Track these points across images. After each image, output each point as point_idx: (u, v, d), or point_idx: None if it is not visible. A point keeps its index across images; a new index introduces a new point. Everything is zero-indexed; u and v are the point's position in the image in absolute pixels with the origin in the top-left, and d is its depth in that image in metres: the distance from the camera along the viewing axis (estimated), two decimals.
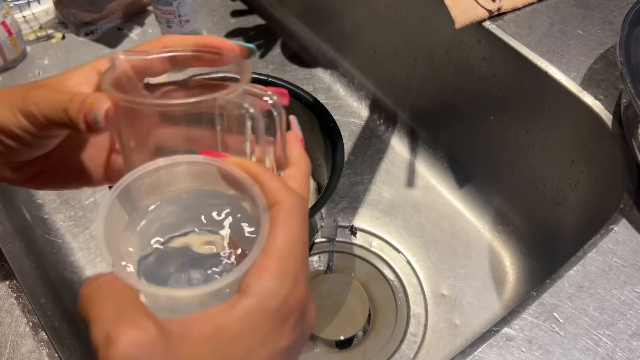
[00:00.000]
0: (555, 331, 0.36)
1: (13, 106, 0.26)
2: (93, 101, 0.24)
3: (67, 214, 0.60)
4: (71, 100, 0.25)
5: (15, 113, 0.26)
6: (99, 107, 0.24)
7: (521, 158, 0.58)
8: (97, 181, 0.30)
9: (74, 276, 0.56)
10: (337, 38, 0.75)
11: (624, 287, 0.38)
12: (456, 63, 0.60)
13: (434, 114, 0.67)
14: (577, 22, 0.54)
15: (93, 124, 0.24)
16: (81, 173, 0.29)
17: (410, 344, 0.54)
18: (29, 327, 0.35)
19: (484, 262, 0.60)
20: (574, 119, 0.50)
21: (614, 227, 0.41)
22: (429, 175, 0.67)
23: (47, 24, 0.76)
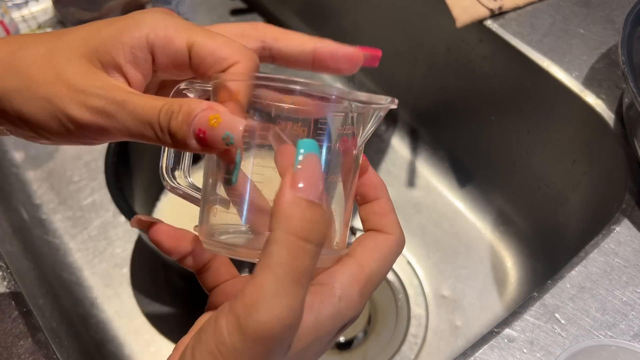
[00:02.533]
0: (557, 332, 0.36)
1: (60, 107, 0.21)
2: (216, 115, 0.20)
3: (65, 215, 0.60)
4: (161, 114, 0.20)
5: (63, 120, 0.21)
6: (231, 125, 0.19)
7: (523, 158, 0.58)
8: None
9: (72, 277, 0.56)
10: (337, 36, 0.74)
11: (625, 287, 0.38)
12: (457, 62, 0.59)
13: (434, 114, 0.66)
14: (579, 21, 0.54)
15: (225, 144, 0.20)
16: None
17: (411, 345, 0.54)
18: (27, 328, 0.35)
19: (485, 263, 0.60)
20: (576, 118, 0.50)
21: (615, 228, 0.41)
22: (430, 175, 0.66)
23: (46, 23, 0.76)
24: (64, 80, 0.21)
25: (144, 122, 0.21)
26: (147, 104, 0.21)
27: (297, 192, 0.18)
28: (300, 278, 0.18)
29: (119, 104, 0.21)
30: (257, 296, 0.18)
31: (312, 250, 0.18)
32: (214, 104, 0.20)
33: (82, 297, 0.55)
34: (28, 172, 0.63)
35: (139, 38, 0.22)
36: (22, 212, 0.59)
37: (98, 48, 0.22)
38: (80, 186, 0.62)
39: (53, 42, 0.22)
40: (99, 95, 0.21)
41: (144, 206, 0.56)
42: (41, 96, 0.21)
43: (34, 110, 0.21)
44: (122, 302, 0.55)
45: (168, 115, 0.20)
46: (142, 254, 0.57)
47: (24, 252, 0.50)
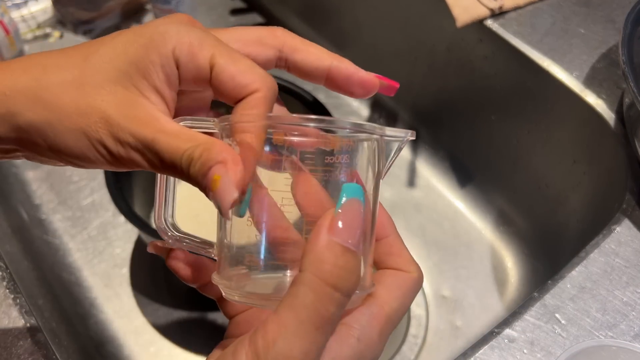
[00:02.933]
0: (557, 332, 0.36)
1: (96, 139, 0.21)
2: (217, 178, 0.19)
3: (64, 215, 0.60)
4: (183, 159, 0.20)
5: (100, 150, 0.21)
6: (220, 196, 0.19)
7: (523, 158, 0.58)
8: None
9: (71, 277, 0.56)
10: (337, 36, 0.75)
11: (626, 288, 0.37)
12: (457, 62, 0.59)
13: (435, 113, 0.66)
14: (580, 20, 0.54)
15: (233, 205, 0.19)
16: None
17: (411, 345, 0.54)
18: (27, 328, 0.35)
19: (486, 263, 0.60)
20: (576, 118, 0.50)
21: (616, 228, 0.41)
22: (430, 175, 0.66)
23: (45, 22, 0.76)
24: (98, 110, 0.21)
25: (170, 164, 0.21)
26: (171, 145, 0.20)
27: (334, 236, 0.18)
28: (323, 325, 0.18)
29: (147, 144, 0.21)
30: (277, 334, 0.18)
31: (340, 299, 0.18)
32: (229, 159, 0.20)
33: (81, 298, 0.55)
34: (27, 172, 0.63)
35: (166, 55, 0.21)
36: (21, 212, 0.58)
37: (130, 72, 0.21)
38: (80, 186, 0.62)
39: (79, 66, 0.21)
40: (131, 131, 0.21)
41: (143, 206, 0.56)
42: (75, 128, 0.21)
43: (69, 142, 0.21)
44: (121, 303, 0.54)
45: (188, 161, 0.20)
46: (141, 254, 0.57)
47: (23, 252, 0.50)
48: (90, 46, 0.22)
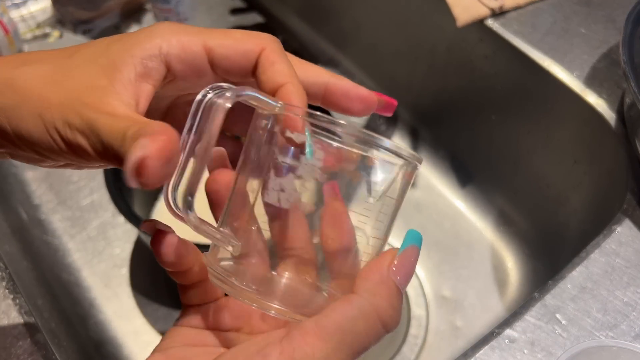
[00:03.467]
0: (558, 333, 0.35)
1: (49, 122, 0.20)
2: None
3: (64, 215, 0.60)
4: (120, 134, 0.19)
5: (54, 136, 0.20)
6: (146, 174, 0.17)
7: (524, 158, 0.57)
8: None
9: (71, 277, 0.56)
10: (337, 36, 0.75)
11: (627, 288, 0.37)
12: (458, 61, 0.59)
13: (435, 113, 0.66)
14: (580, 20, 0.54)
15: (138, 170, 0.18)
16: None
17: (411, 345, 0.54)
18: (26, 328, 0.35)
19: (486, 263, 0.59)
20: (577, 118, 0.50)
21: (617, 228, 0.41)
22: (431, 175, 0.66)
23: (45, 22, 0.76)
24: (58, 95, 0.21)
25: (107, 146, 0.19)
26: (111, 125, 0.19)
27: (393, 274, 0.19)
28: (359, 353, 0.19)
29: (90, 124, 0.20)
30: (317, 348, 0.18)
31: (383, 335, 0.19)
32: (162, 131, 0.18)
33: (81, 298, 0.54)
34: (27, 172, 0.62)
35: (150, 49, 0.21)
36: (21, 212, 0.58)
37: (107, 65, 0.21)
38: (80, 186, 0.62)
39: (59, 62, 0.22)
40: (79, 113, 0.20)
41: (143, 206, 0.56)
42: (34, 112, 0.21)
43: (28, 126, 0.21)
44: (121, 303, 0.54)
45: (120, 140, 0.19)
46: (141, 255, 0.57)
47: (22, 252, 0.50)
48: (80, 47, 0.22)
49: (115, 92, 0.21)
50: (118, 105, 0.20)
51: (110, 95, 0.21)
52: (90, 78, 0.21)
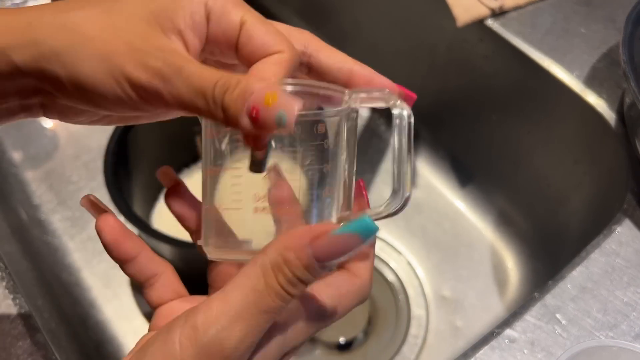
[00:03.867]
0: (558, 333, 0.35)
1: (118, 65, 0.20)
2: (272, 93, 0.18)
3: (64, 215, 0.60)
4: (217, 86, 0.19)
5: (121, 81, 0.20)
6: (287, 105, 0.18)
7: (524, 158, 0.57)
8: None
9: (71, 277, 0.56)
10: (337, 36, 0.75)
11: (627, 288, 0.37)
12: (458, 61, 0.59)
13: (435, 113, 0.66)
14: (580, 20, 0.54)
15: (277, 125, 0.18)
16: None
17: (411, 346, 0.54)
18: (26, 329, 0.35)
19: (486, 263, 0.59)
20: (577, 118, 0.50)
21: (617, 228, 0.40)
22: (431, 175, 0.66)
23: None
24: (123, 38, 0.20)
25: (199, 91, 0.19)
26: (203, 73, 0.20)
27: (314, 249, 0.18)
28: (267, 310, 0.18)
29: (176, 68, 0.20)
30: (221, 312, 0.18)
31: (286, 298, 0.19)
32: (274, 84, 0.20)
33: (81, 298, 0.54)
34: (27, 172, 0.62)
35: (198, 3, 0.21)
36: (20, 212, 0.58)
37: (158, 12, 0.21)
38: (80, 186, 0.62)
39: (108, 5, 0.21)
40: (158, 57, 0.20)
41: (143, 206, 0.56)
42: (98, 54, 0.20)
43: (90, 70, 0.20)
44: (121, 303, 0.54)
45: (224, 88, 0.19)
46: None
47: (22, 252, 0.50)
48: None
49: (173, 42, 0.21)
50: (189, 55, 0.21)
51: (177, 43, 0.21)
52: (145, 24, 0.21)
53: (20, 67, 0.20)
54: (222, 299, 0.18)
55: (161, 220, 0.56)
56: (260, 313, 0.18)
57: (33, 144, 0.65)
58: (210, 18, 0.22)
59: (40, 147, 0.64)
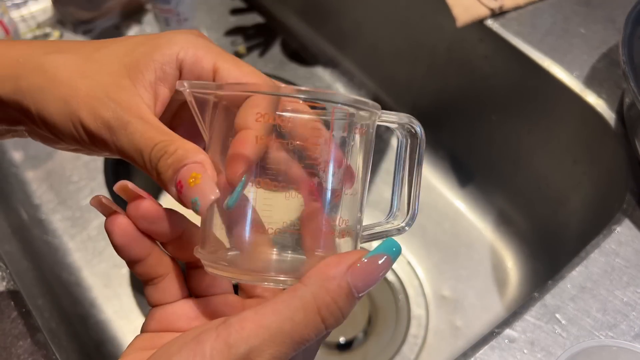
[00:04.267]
0: (558, 333, 0.35)
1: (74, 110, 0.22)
2: (197, 175, 0.20)
3: (64, 215, 0.60)
4: (155, 149, 0.20)
5: (75, 123, 0.22)
6: (202, 194, 0.19)
7: (523, 158, 0.57)
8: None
9: (71, 277, 0.56)
10: (337, 36, 0.75)
11: (626, 288, 0.37)
12: (458, 62, 0.59)
13: (435, 113, 0.66)
14: (580, 20, 0.54)
15: (191, 207, 0.20)
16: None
17: (411, 345, 0.54)
18: (27, 328, 0.35)
19: (486, 263, 0.60)
20: (577, 118, 0.50)
21: (616, 228, 0.41)
22: (430, 175, 0.66)
23: (45, 22, 0.76)
24: (86, 85, 0.22)
25: (138, 150, 0.21)
26: (146, 133, 0.21)
27: (351, 277, 0.18)
28: (299, 343, 0.18)
29: (122, 123, 0.21)
30: (254, 333, 0.18)
31: (322, 331, 0.19)
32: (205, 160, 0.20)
33: (81, 298, 0.54)
34: (27, 172, 0.62)
35: (169, 55, 0.23)
36: (21, 212, 0.58)
37: (130, 66, 0.23)
38: (80, 186, 0.62)
39: (87, 54, 0.23)
40: (110, 108, 0.21)
41: None
42: (61, 97, 0.22)
43: (52, 109, 0.22)
44: (121, 303, 0.54)
45: (160, 153, 0.20)
46: None
47: (23, 252, 0.50)
48: (105, 42, 0.24)
49: (138, 94, 0.22)
50: (145, 109, 0.22)
51: (136, 97, 0.22)
52: (115, 75, 0.22)
53: (2, 97, 0.23)
54: (257, 322, 0.18)
55: None
56: (294, 343, 0.18)
57: (33, 144, 0.65)
58: (183, 67, 0.23)
59: (40, 147, 0.64)
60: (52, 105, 0.22)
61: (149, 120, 0.22)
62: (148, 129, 0.21)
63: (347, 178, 0.22)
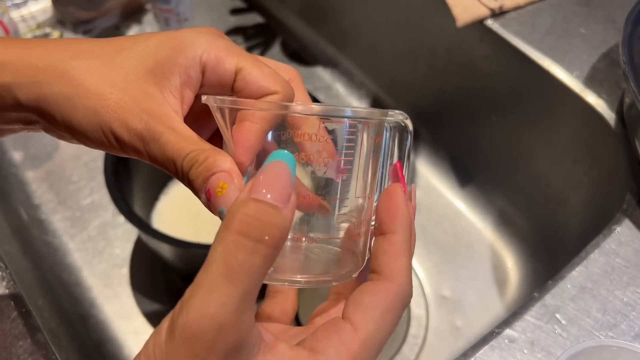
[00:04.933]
0: (558, 333, 0.35)
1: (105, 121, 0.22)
2: (224, 185, 0.20)
3: (64, 215, 0.60)
4: (187, 159, 0.21)
5: (107, 133, 0.22)
6: (228, 204, 0.20)
7: (523, 158, 0.57)
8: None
9: (71, 277, 0.56)
10: (337, 36, 0.75)
11: (626, 288, 0.37)
12: (458, 62, 0.59)
13: (435, 113, 0.66)
14: (580, 20, 0.54)
15: (219, 216, 0.20)
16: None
17: (411, 345, 0.54)
18: (26, 328, 0.34)
19: (486, 263, 0.60)
20: (577, 118, 0.50)
21: (616, 228, 0.41)
22: (430, 175, 0.66)
23: (45, 22, 0.76)
24: (116, 95, 0.22)
25: (170, 160, 0.22)
26: (178, 143, 0.21)
27: (252, 194, 0.17)
28: (232, 274, 0.17)
29: (155, 135, 0.22)
30: (189, 295, 0.17)
31: (250, 245, 0.17)
32: (233, 169, 0.21)
33: (81, 298, 0.54)
34: (27, 172, 0.62)
35: (193, 58, 0.23)
36: (21, 212, 0.58)
37: (156, 71, 0.23)
38: (80, 186, 0.62)
39: (110, 58, 0.23)
40: (142, 119, 0.22)
41: (143, 206, 0.56)
42: (90, 106, 0.22)
43: (81, 118, 0.22)
44: (121, 303, 0.54)
45: (191, 163, 0.21)
46: (141, 255, 0.57)
47: (23, 252, 0.50)
48: (125, 42, 0.24)
49: (167, 102, 0.23)
50: (175, 118, 0.22)
51: (165, 105, 0.23)
52: (142, 82, 0.23)
53: (22, 103, 0.23)
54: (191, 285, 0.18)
55: (161, 220, 0.56)
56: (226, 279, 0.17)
57: (34, 144, 0.65)
58: (206, 69, 0.23)
59: (40, 147, 0.64)
60: (81, 114, 0.22)
61: (180, 131, 0.22)
62: (180, 140, 0.22)
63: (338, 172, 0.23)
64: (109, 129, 0.22)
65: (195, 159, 0.21)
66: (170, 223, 0.56)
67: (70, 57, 0.23)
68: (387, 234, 0.21)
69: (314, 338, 0.20)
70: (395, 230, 0.21)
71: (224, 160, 0.21)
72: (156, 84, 0.23)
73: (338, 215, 0.23)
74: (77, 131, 0.23)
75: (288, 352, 0.19)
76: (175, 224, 0.55)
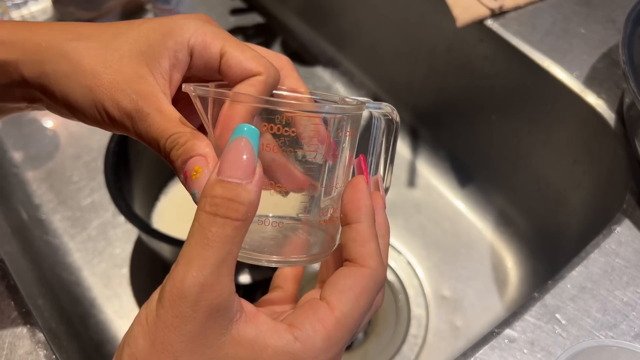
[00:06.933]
0: (558, 333, 0.35)
1: (99, 99, 0.24)
2: (198, 169, 0.22)
3: (64, 215, 0.60)
4: (169, 140, 0.23)
5: (100, 110, 0.24)
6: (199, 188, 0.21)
7: (523, 158, 0.57)
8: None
9: (71, 277, 0.56)
10: (337, 36, 0.75)
11: (626, 288, 0.37)
12: (458, 62, 0.59)
13: (435, 113, 0.66)
14: (580, 20, 0.54)
15: (191, 195, 0.22)
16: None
17: (411, 345, 0.54)
18: (27, 328, 0.35)
19: (486, 263, 0.60)
20: (577, 118, 0.50)
21: (616, 228, 0.41)
22: (430, 175, 0.66)
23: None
24: (110, 75, 0.24)
25: (154, 139, 0.23)
26: (162, 125, 0.23)
27: (219, 175, 0.20)
28: (207, 243, 0.19)
29: (143, 115, 0.23)
30: (174, 267, 0.20)
31: (221, 221, 0.19)
32: (209, 154, 0.22)
33: (81, 298, 0.54)
34: (27, 172, 0.63)
35: (181, 42, 0.24)
36: (21, 212, 0.58)
37: (147, 53, 0.24)
38: (80, 186, 0.62)
39: (106, 41, 0.25)
40: (133, 100, 0.23)
41: (143, 206, 0.56)
42: (86, 85, 0.24)
43: (77, 95, 0.24)
44: (121, 303, 0.54)
45: (172, 144, 0.23)
46: (141, 255, 0.57)
47: (23, 252, 0.50)
48: (121, 27, 0.25)
49: (156, 82, 0.24)
50: (163, 99, 0.24)
51: (155, 87, 0.24)
52: (135, 64, 0.24)
53: (27, 79, 0.25)
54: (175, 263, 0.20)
55: (161, 220, 0.56)
56: (203, 247, 0.19)
57: (34, 144, 0.65)
58: (193, 53, 0.25)
59: (40, 147, 0.64)
60: (78, 92, 0.24)
61: (166, 112, 0.23)
62: (164, 121, 0.23)
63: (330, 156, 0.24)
64: (102, 106, 0.24)
65: (176, 141, 0.23)
66: (170, 223, 0.56)
67: (72, 38, 0.25)
68: (352, 223, 0.23)
69: (293, 315, 0.21)
70: (359, 219, 0.23)
71: (201, 145, 0.22)
72: (147, 65, 0.24)
73: (323, 199, 0.24)
74: (74, 107, 0.24)
75: (268, 323, 0.21)
76: (175, 224, 0.55)
